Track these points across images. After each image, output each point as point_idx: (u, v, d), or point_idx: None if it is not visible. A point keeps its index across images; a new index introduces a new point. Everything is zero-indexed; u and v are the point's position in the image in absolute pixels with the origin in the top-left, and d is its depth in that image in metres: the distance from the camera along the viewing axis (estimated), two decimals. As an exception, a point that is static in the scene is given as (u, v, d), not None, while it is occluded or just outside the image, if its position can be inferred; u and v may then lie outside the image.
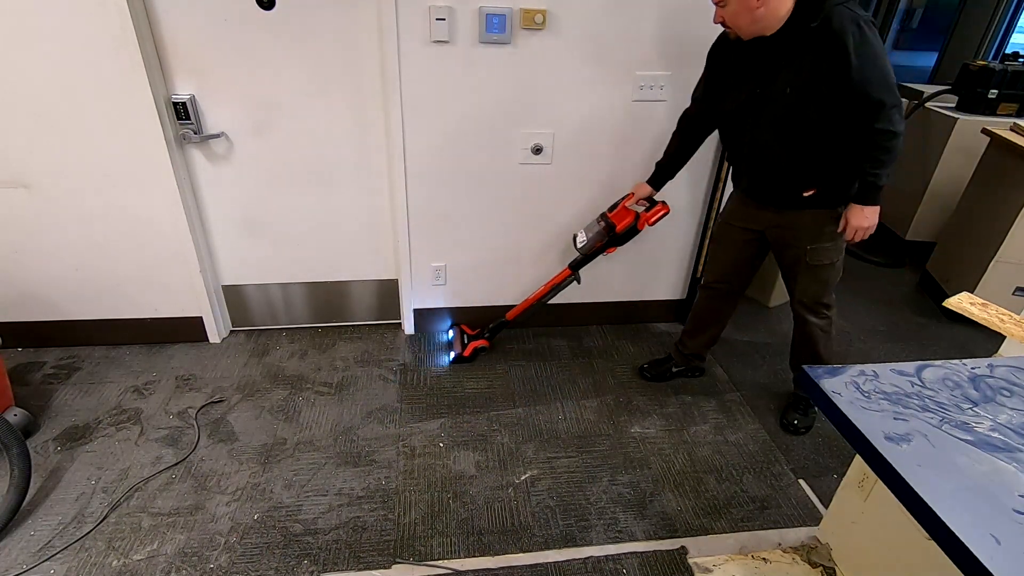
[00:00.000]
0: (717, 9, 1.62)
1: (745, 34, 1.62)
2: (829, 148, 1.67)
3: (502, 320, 2.42)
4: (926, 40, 4.65)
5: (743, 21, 1.58)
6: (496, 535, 1.68)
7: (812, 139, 1.66)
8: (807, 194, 1.74)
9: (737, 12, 1.57)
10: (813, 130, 1.64)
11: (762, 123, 1.71)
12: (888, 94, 1.53)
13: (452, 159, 2.20)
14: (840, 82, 1.53)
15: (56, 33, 1.80)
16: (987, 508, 0.79)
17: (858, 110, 1.57)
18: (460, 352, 2.39)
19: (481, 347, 2.42)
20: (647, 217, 2.09)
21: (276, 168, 2.18)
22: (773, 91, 1.64)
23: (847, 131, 1.62)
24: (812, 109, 1.60)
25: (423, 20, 1.93)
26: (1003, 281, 2.66)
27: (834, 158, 1.68)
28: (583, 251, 2.19)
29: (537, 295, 2.34)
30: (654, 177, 2.08)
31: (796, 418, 2.13)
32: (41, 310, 2.29)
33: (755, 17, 1.56)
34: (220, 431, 2.00)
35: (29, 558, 1.55)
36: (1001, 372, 1.09)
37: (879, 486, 1.29)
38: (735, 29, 1.62)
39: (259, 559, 1.58)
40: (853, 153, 1.65)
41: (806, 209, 1.78)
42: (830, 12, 1.51)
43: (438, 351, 2.47)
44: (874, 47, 1.50)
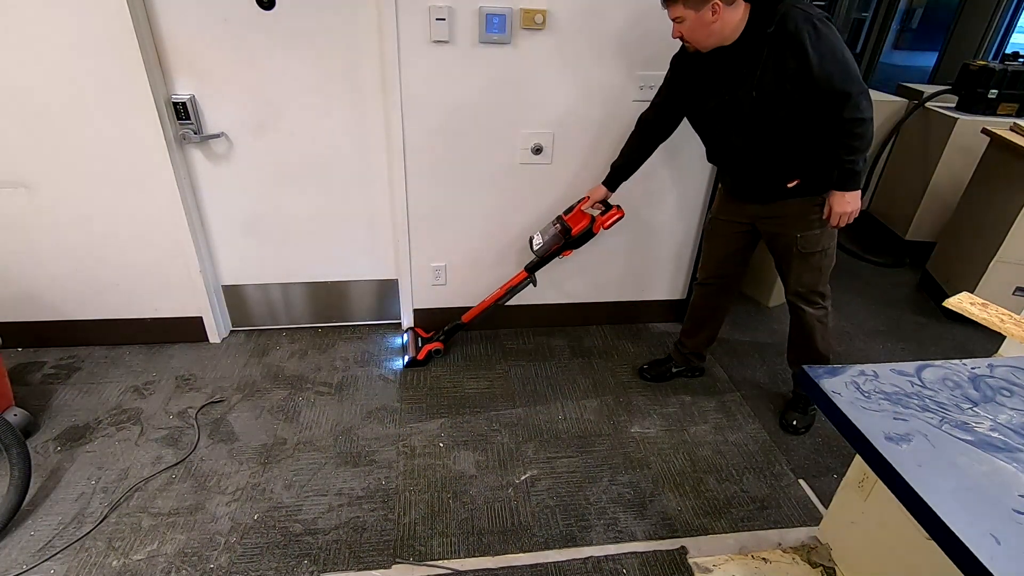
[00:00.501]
0: (675, 25, 1.65)
1: (704, 47, 1.66)
2: (804, 141, 1.70)
3: (457, 322, 2.40)
4: (926, 40, 4.65)
5: (700, 35, 1.62)
6: (496, 535, 1.68)
7: (784, 137, 1.70)
8: (791, 185, 1.78)
9: (694, 27, 1.61)
10: (784, 128, 1.68)
11: (734, 129, 1.76)
12: (852, 84, 1.56)
13: (452, 159, 2.20)
14: (804, 80, 1.56)
15: (56, 33, 1.80)
16: (987, 508, 0.79)
17: (825, 103, 1.60)
18: (414, 356, 2.36)
19: (436, 350, 2.39)
20: (602, 221, 2.12)
21: (276, 168, 2.18)
22: (739, 97, 1.67)
23: (818, 123, 1.65)
24: (780, 109, 1.64)
25: (423, 20, 1.93)
26: (1003, 281, 2.66)
27: (810, 149, 1.71)
28: (539, 253, 2.20)
29: (493, 297, 2.34)
30: (610, 178, 2.08)
31: (795, 418, 2.13)
32: (41, 310, 2.29)
33: (711, 31, 1.60)
34: (220, 431, 2.00)
35: (29, 558, 1.55)
36: (1001, 372, 1.09)
37: (879, 486, 1.29)
38: (694, 43, 1.66)
39: (259, 559, 1.58)
40: (827, 141, 1.68)
41: (792, 199, 1.81)
42: (784, 15, 1.54)
43: (390, 356, 2.43)
44: (831, 42, 1.54)
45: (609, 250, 2.50)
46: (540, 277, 2.53)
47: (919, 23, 4.76)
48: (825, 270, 1.93)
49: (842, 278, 3.18)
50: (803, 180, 1.77)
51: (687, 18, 1.60)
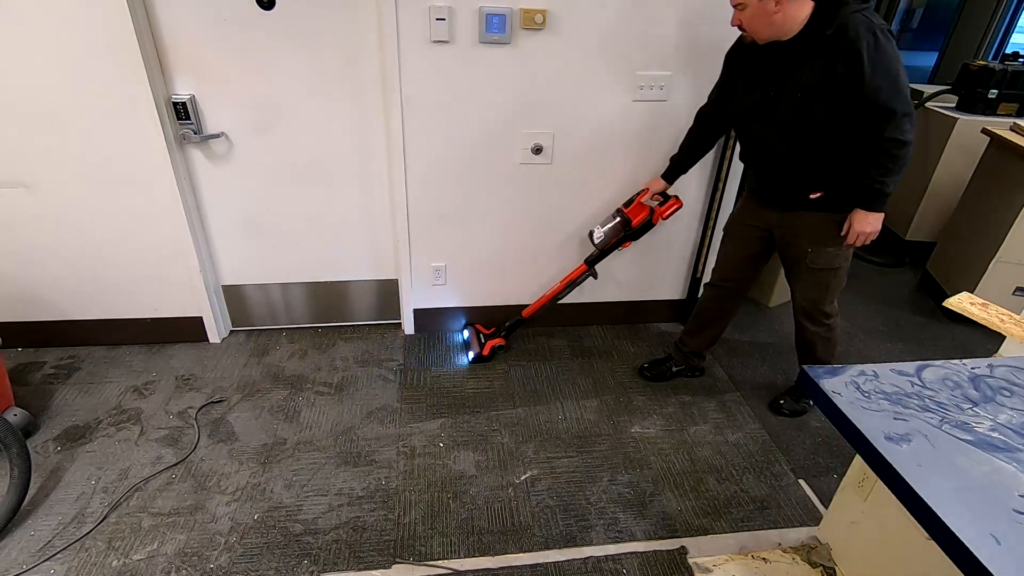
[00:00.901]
0: (735, 12, 1.62)
1: (761, 38, 1.63)
2: (837, 153, 1.67)
3: (518, 318, 2.43)
4: (926, 40, 4.65)
5: (760, 25, 1.59)
6: (496, 535, 1.68)
7: (819, 143, 1.67)
8: (813, 196, 1.75)
9: (754, 16, 1.58)
10: (821, 134, 1.65)
11: (772, 125, 1.73)
12: (900, 103, 1.53)
13: (452, 159, 2.20)
14: (852, 89, 1.53)
15: (56, 33, 1.80)
16: (987, 508, 0.79)
17: (869, 117, 1.57)
18: (479, 351, 2.40)
19: (499, 346, 2.43)
20: (661, 211, 2.15)
21: (276, 168, 2.18)
22: (784, 94, 1.65)
23: (856, 137, 1.62)
24: (821, 113, 1.61)
25: (423, 20, 1.93)
26: (1003, 281, 2.66)
27: (841, 162, 1.68)
28: (599, 246, 2.23)
29: (553, 292, 2.36)
30: (668, 172, 2.11)
31: (784, 399, 2.18)
32: (41, 310, 2.29)
33: (772, 22, 1.56)
34: (220, 431, 2.00)
35: (29, 558, 1.55)
36: (1001, 372, 1.09)
37: (879, 486, 1.29)
38: (752, 33, 1.63)
39: (259, 559, 1.58)
40: (861, 159, 1.65)
41: (812, 211, 1.79)
42: (846, 20, 1.51)
43: (454, 352, 2.47)
44: (888, 55, 1.50)
45: (609, 250, 2.50)
46: (539, 276, 2.54)
47: (919, 23, 4.76)
48: (832, 289, 1.90)
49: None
50: (826, 193, 1.74)
51: (749, 5, 1.56)
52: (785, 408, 2.17)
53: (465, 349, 2.47)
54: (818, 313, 1.95)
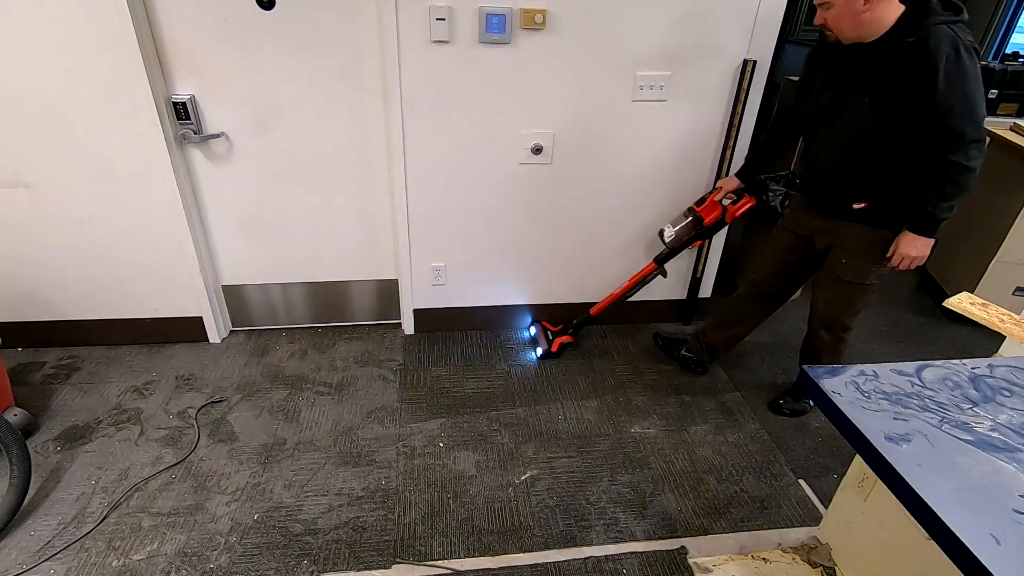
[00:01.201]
0: (819, 11, 1.58)
1: (846, 38, 1.58)
2: (889, 166, 1.63)
3: (586, 316, 2.45)
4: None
5: (846, 25, 1.54)
6: (496, 535, 1.68)
7: (874, 153, 1.63)
8: (857, 207, 1.71)
9: (840, 15, 1.53)
10: (878, 144, 1.61)
11: (834, 128, 1.69)
12: (970, 126, 1.47)
13: (452, 159, 2.20)
14: (922, 103, 1.48)
15: (56, 33, 1.80)
16: (987, 508, 0.79)
17: (934, 136, 1.51)
18: (548, 348, 2.43)
19: (567, 343, 2.45)
20: (734, 210, 2.13)
21: (276, 168, 2.18)
22: (852, 98, 1.61)
23: (914, 154, 1.57)
24: (882, 124, 1.57)
25: (423, 20, 1.93)
26: (1003, 281, 2.66)
27: (892, 177, 1.64)
28: (670, 245, 2.23)
29: (622, 290, 2.37)
30: (743, 170, 2.10)
31: (784, 399, 2.18)
32: (41, 310, 2.29)
33: (859, 21, 1.52)
34: (220, 431, 2.00)
35: (29, 558, 1.55)
36: (1001, 372, 1.09)
37: (879, 486, 1.29)
38: (836, 32, 1.58)
39: (259, 559, 1.58)
40: (914, 177, 1.60)
41: (853, 222, 1.75)
42: (930, 30, 1.44)
43: (522, 348, 2.51)
44: (968, 75, 1.44)
45: (610, 250, 2.50)
46: (538, 276, 2.54)
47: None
48: (858, 304, 1.87)
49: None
50: (871, 206, 1.69)
51: (835, 4, 1.51)
52: (786, 408, 2.17)
53: (533, 346, 2.50)
54: (837, 325, 1.92)
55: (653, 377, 2.36)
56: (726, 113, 2.23)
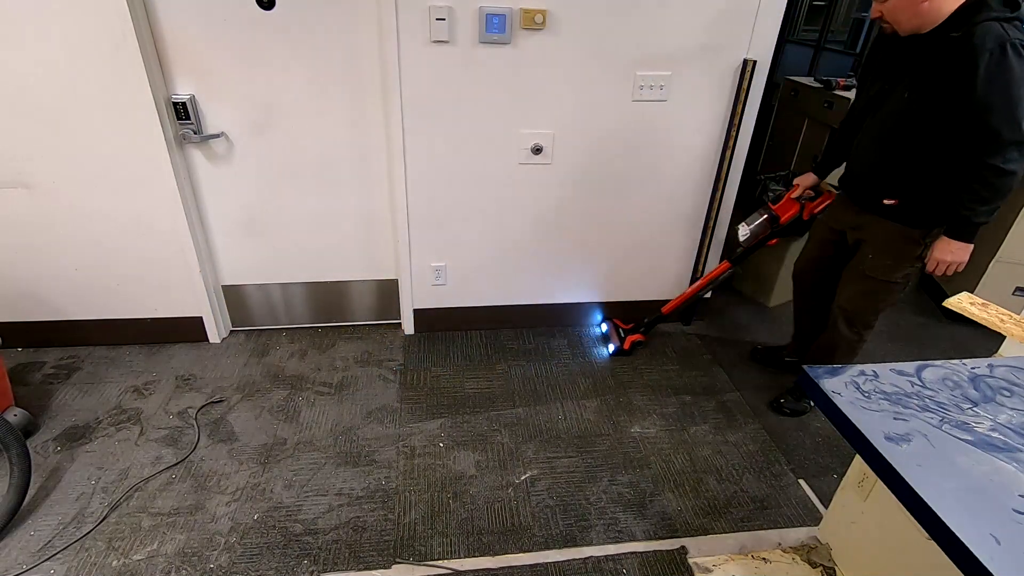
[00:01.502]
0: (875, 4, 1.55)
1: (903, 29, 1.55)
2: (923, 164, 1.59)
3: (658, 314, 2.47)
4: (926, 40, 4.64)
5: (903, 16, 1.52)
6: (496, 535, 1.68)
7: (909, 148, 1.59)
8: (887, 203, 1.68)
9: (897, 7, 1.51)
10: (914, 140, 1.57)
11: (875, 121, 1.68)
12: (1008, 127, 1.41)
13: (452, 159, 2.20)
14: (959, 99, 1.43)
15: (56, 33, 1.80)
16: (987, 508, 0.79)
17: (971, 135, 1.46)
18: (619, 345, 2.45)
19: (639, 341, 2.47)
20: (812, 207, 2.10)
21: (276, 168, 2.18)
22: (894, 92, 1.59)
23: (949, 154, 1.54)
24: (919, 120, 1.53)
25: (423, 20, 1.93)
26: (1003, 281, 2.66)
27: (925, 175, 1.60)
28: (745, 243, 2.21)
29: (694, 289, 2.38)
30: (819, 166, 2.07)
31: (785, 398, 2.18)
32: (41, 310, 2.29)
33: (918, 11, 1.48)
34: (220, 431, 2.00)
35: (29, 558, 1.55)
36: (1001, 372, 1.09)
37: (879, 486, 1.29)
38: (894, 24, 1.56)
39: (259, 559, 1.58)
40: (947, 178, 1.57)
41: (884, 218, 1.72)
42: (977, 25, 1.40)
43: (594, 344, 2.54)
44: (1012, 74, 1.38)
45: (610, 250, 2.50)
46: (538, 277, 2.54)
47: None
48: (880, 303, 1.86)
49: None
50: (901, 203, 1.66)
51: None
52: (786, 407, 2.17)
53: (604, 342, 2.54)
54: (859, 322, 1.91)
55: (653, 377, 2.36)
56: (726, 113, 2.23)
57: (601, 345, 2.54)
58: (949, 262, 1.63)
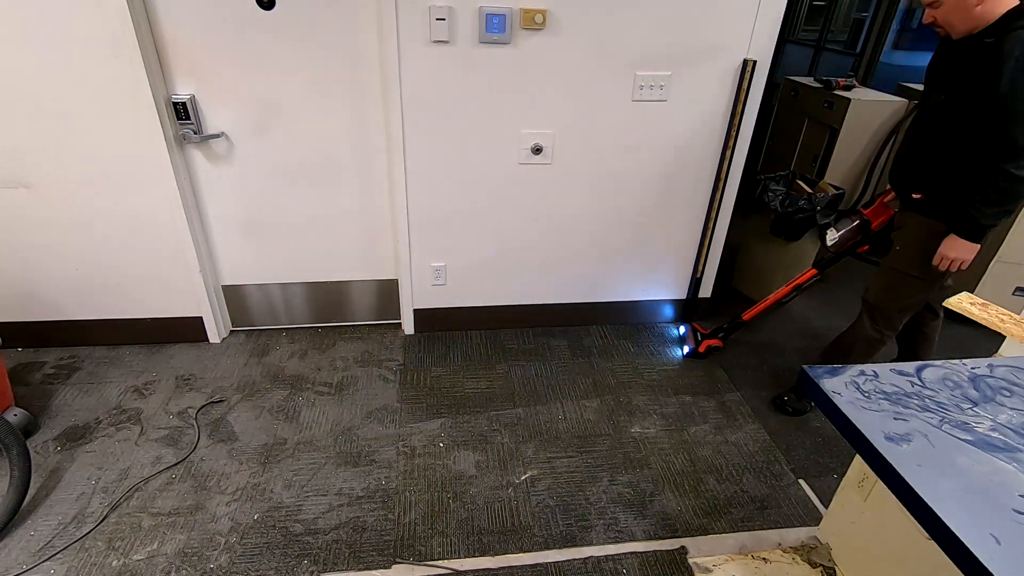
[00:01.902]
0: (927, 10, 1.58)
1: (957, 32, 1.57)
2: (947, 161, 1.65)
3: (738, 320, 2.47)
4: (926, 40, 4.65)
5: (956, 18, 1.53)
6: (496, 535, 1.68)
7: (936, 146, 1.65)
8: (915, 196, 1.75)
9: (950, 11, 1.53)
10: (941, 138, 1.63)
11: (917, 120, 1.75)
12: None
13: (452, 159, 2.20)
14: (983, 104, 1.48)
15: (56, 33, 1.80)
16: (987, 508, 0.79)
17: (989, 139, 1.50)
18: (695, 348, 2.46)
19: (715, 347, 2.47)
20: None
21: (276, 168, 2.18)
22: (935, 94, 1.64)
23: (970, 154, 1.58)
24: (949, 119, 1.58)
25: (423, 20, 1.93)
26: (1003, 281, 2.66)
27: (948, 172, 1.65)
28: (834, 249, 2.16)
29: (777, 296, 2.36)
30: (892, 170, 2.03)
31: (788, 396, 2.18)
32: (41, 310, 2.29)
33: (971, 15, 1.50)
34: (220, 431, 2.00)
35: (29, 558, 1.55)
36: (1001, 372, 1.09)
37: (879, 486, 1.29)
38: (947, 27, 1.58)
39: (259, 559, 1.58)
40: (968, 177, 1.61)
41: (913, 212, 1.78)
42: (1009, 32, 1.44)
43: (669, 344, 2.57)
44: None
45: (610, 250, 2.50)
46: (538, 276, 2.54)
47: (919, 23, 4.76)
48: (901, 298, 1.87)
49: (842, 278, 3.17)
50: (927, 197, 1.72)
51: (945, 2, 1.51)
52: (789, 405, 2.17)
53: (680, 344, 2.57)
54: (881, 318, 1.91)
55: (653, 377, 2.36)
56: (726, 113, 2.23)
57: (676, 346, 2.57)
58: (953, 259, 1.67)
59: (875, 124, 3.42)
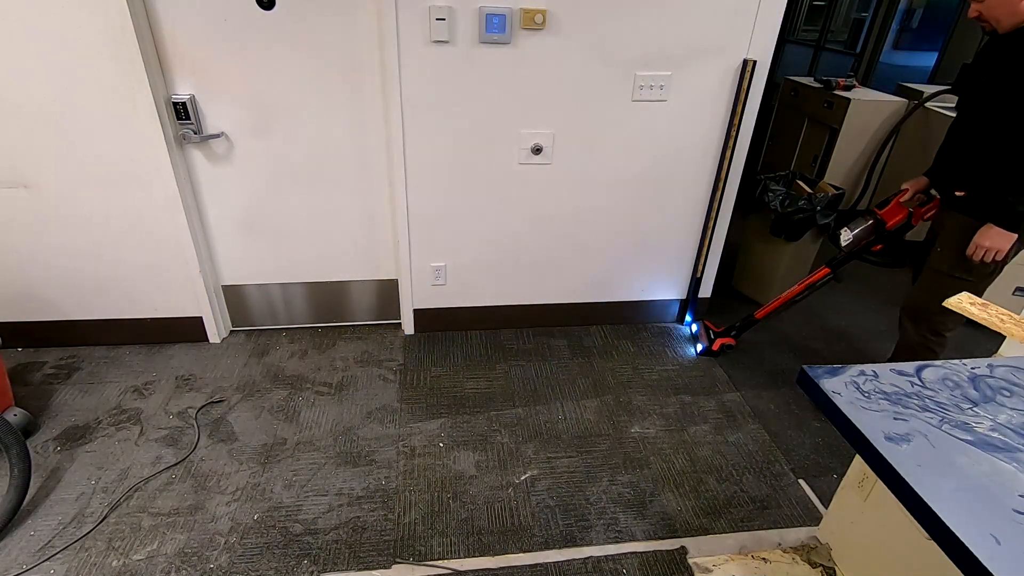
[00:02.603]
0: (972, 4, 1.57)
1: (1003, 27, 1.56)
2: (991, 156, 1.63)
3: (751, 318, 2.47)
4: (926, 40, 4.66)
5: (1002, 12, 1.53)
6: (496, 535, 1.68)
7: (980, 140, 1.65)
8: (958, 194, 1.74)
9: (995, 4, 1.52)
10: (984, 132, 1.64)
11: (960, 117, 1.74)
12: None
13: (452, 159, 2.20)
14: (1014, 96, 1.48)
15: (56, 33, 1.80)
16: (987, 508, 0.79)
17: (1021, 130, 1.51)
18: (708, 346, 2.46)
19: (728, 345, 2.47)
20: (922, 212, 2.00)
21: (276, 168, 2.18)
22: (975, 89, 1.65)
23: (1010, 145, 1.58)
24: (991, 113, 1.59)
25: (423, 20, 1.93)
26: (1003, 281, 2.66)
27: (991, 167, 1.64)
28: (847, 248, 2.15)
29: (790, 294, 2.34)
30: (932, 169, 1.99)
31: None
32: (41, 310, 2.29)
33: (1017, 9, 1.49)
34: (220, 431, 2.00)
35: (29, 558, 1.55)
36: (1001, 372, 1.09)
37: (879, 486, 1.29)
38: (992, 22, 1.58)
39: (259, 559, 1.58)
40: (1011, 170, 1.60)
41: (955, 211, 1.76)
42: None
43: (669, 344, 2.57)
44: None
45: (610, 250, 2.50)
46: (538, 276, 2.54)
47: (919, 23, 4.77)
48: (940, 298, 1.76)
49: (842, 278, 3.17)
50: (970, 194, 1.71)
51: None
52: None
53: (694, 341, 2.58)
54: (923, 323, 1.89)
55: (653, 377, 2.36)
56: (726, 113, 2.23)
57: (689, 344, 2.57)
58: (988, 247, 1.66)
59: (875, 124, 3.42)
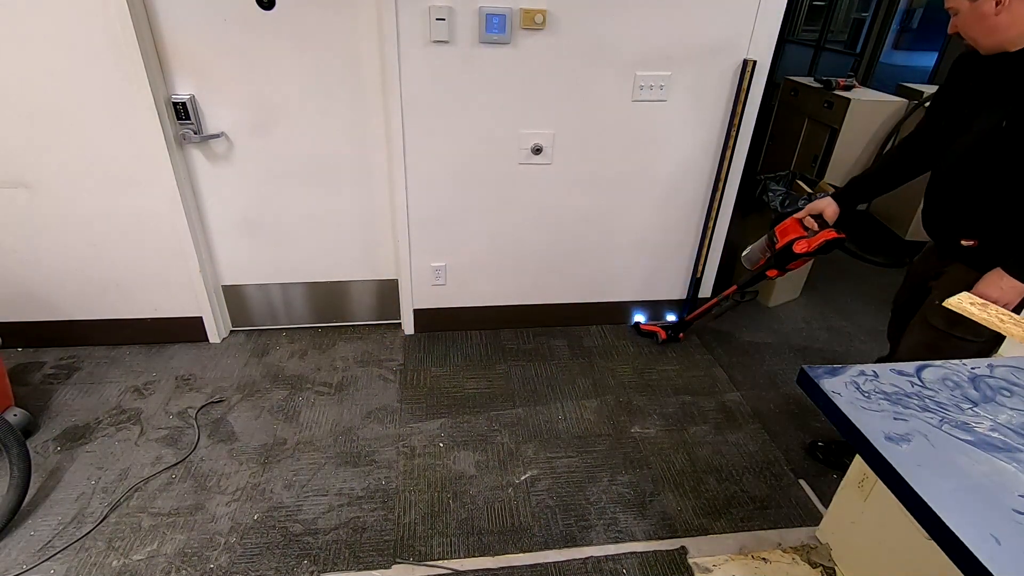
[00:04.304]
0: (952, 18, 1.39)
1: (982, 47, 1.38)
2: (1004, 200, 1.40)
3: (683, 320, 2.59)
4: (926, 40, 4.66)
5: (976, 32, 1.34)
6: (496, 535, 1.68)
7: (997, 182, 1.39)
8: (966, 243, 1.48)
9: (968, 22, 1.34)
10: (992, 174, 1.39)
11: (953, 150, 1.48)
12: None
13: (452, 159, 2.20)
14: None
15: (56, 33, 1.80)
16: (987, 508, 0.79)
17: None
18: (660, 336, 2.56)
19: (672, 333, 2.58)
20: (805, 244, 1.78)
21: (276, 168, 2.18)
22: (982, 117, 1.40)
23: None
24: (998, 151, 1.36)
25: (423, 20, 1.93)
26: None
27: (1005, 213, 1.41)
28: (747, 266, 2.06)
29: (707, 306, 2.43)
30: (843, 192, 1.77)
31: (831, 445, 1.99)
32: (41, 310, 2.29)
33: (991, 27, 1.30)
34: (220, 431, 2.00)
35: (29, 558, 1.55)
36: (1001, 372, 1.09)
37: (879, 486, 1.29)
38: (970, 41, 1.39)
39: (259, 559, 1.58)
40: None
41: (960, 263, 1.51)
42: None
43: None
44: None
45: (610, 250, 2.50)
46: (538, 277, 2.53)
47: (919, 23, 4.77)
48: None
49: (842, 278, 3.18)
50: (981, 244, 1.45)
51: (960, 9, 1.33)
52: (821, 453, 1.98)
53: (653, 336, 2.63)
54: None
55: (653, 377, 2.36)
56: (726, 113, 2.23)
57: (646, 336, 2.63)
58: (995, 299, 1.35)
59: (875, 124, 3.43)
